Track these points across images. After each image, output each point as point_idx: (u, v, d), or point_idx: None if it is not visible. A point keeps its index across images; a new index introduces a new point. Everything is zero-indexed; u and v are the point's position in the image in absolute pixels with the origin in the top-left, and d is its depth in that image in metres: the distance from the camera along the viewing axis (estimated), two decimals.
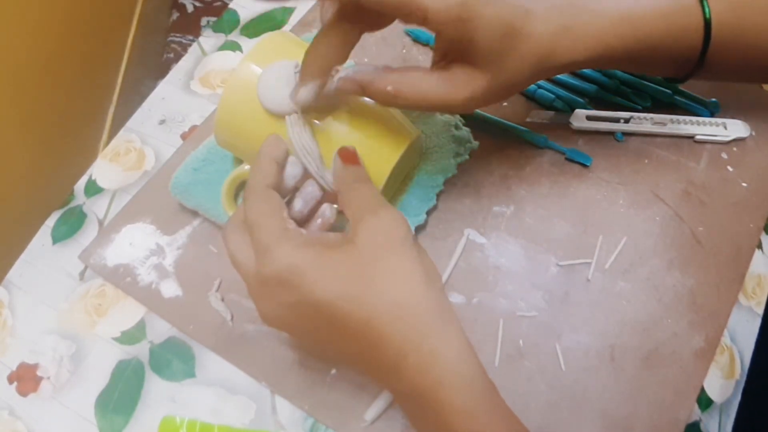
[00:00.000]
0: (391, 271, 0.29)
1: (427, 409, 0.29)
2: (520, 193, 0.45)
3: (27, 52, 0.90)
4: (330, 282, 0.29)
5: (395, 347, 0.29)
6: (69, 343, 0.42)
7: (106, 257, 0.44)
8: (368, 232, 0.30)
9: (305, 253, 0.29)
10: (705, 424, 0.39)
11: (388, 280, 0.29)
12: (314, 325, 0.30)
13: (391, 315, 0.28)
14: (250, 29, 0.55)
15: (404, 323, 0.29)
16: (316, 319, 0.30)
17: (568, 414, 0.38)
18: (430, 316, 0.29)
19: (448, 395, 0.28)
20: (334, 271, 0.29)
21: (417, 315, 0.29)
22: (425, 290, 0.29)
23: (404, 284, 0.29)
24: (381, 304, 0.29)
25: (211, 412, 0.39)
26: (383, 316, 0.28)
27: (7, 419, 0.40)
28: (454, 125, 0.45)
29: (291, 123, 0.35)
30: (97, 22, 1.09)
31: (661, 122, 0.47)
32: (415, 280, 0.29)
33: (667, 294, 0.41)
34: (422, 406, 0.29)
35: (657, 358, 0.39)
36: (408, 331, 0.28)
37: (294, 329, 0.32)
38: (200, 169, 0.44)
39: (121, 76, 1.18)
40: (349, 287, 0.29)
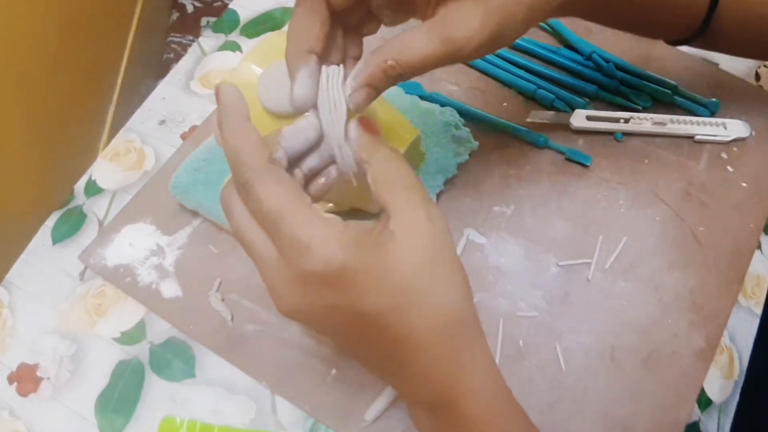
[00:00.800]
0: (439, 285, 0.28)
1: (454, 420, 0.29)
2: (520, 193, 0.45)
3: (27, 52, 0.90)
4: (380, 292, 0.27)
5: (430, 358, 0.28)
6: (69, 343, 0.42)
7: (106, 257, 0.44)
8: (414, 233, 0.28)
9: (356, 254, 0.26)
10: (704, 424, 0.39)
11: (435, 294, 0.28)
12: (351, 329, 0.29)
13: (432, 329, 0.28)
14: (250, 29, 0.55)
15: (444, 336, 0.28)
16: (356, 325, 0.28)
17: (568, 414, 0.38)
18: (467, 330, 0.29)
19: (475, 407, 0.28)
20: (384, 280, 0.27)
21: (456, 329, 0.28)
22: (466, 304, 0.29)
23: (449, 298, 0.28)
24: (426, 319, 0.28)
25: (211, 413, 0.39)
26: (425, 331, 0.28)
27: (7, 419, 0.40)
28: (454, 125, 0.45)
29: (328, 74, 0.31)
30: (97, 22, 1.09)
31: (661, 122, 0.47)
32: (458, 295, 0.28)
33: (667, 294, 0.41)
34: (449, 416, 0.29)
35: (657, 358, 0.39)
36: (446, 343, 0.28)
37: (322, 327, 0.30)
38: (200, 169, 0.44)
39: (121, 76, 1.17)
40: (397, 299, 0.27)
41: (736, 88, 0.49)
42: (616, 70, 0.49)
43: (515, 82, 0.49)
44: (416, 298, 0.27)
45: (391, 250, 0.27)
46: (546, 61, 0.51)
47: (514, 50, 0.51)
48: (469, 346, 0.29)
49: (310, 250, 0.26)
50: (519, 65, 0.50)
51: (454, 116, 0.46)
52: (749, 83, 0.50)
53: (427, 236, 0.28)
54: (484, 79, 0.50)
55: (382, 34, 0.36)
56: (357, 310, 0.27)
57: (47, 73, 0.95)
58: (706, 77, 0.50)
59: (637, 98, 0.48)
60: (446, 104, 0.47)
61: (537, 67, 0.50)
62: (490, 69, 0.50)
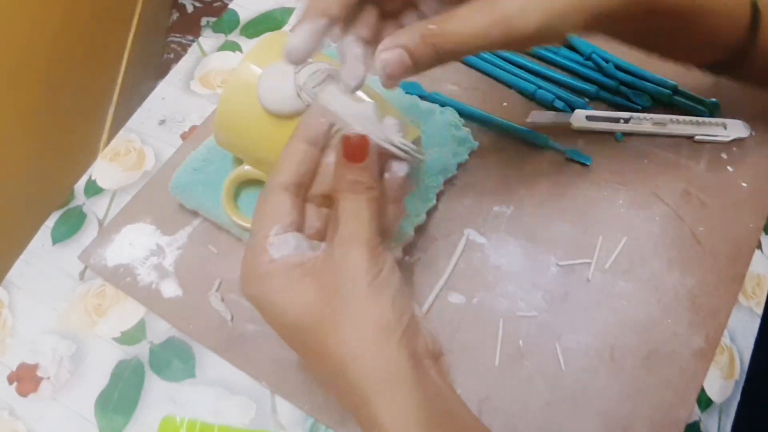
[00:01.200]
0: (357, 319, 0.28)
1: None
2: (520, 193, 0.45)
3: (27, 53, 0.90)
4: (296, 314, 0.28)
5: (355, 396, 0.28)
6: (69, 343, 0.42)
7: (106, 257, 0.44)
8: (344, 267, 0.28)
9: (270, 283, 0.29)
10: (704, 424, 0.39)
11: (351, 329, 0.28)
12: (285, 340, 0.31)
13: (350, 369, 0.27)
14: (250, 29, 0.55)
15: (358, 377, 0.27)
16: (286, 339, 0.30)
17: (568, 414, 0.38)
18: (378, 377, 0.27)
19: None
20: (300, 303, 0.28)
21: (366, 374, 0.27)
22: (381, 345, 0.27)
23: (364, 336, 0.28)
24: (344, 354, 0.28)
25: (211, 412, 0.39)
26: (347, 366, 0.28)
27: (7, 419, 0.40)
28: (454, 125, 0.45)
29: (331, 94, 0.30)
30: (97, 22, 1.09)
31: (661, 122, 0.47)
32: (374, 333, 0.28)
33: (667, 294, 0.41)
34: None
35: (657, 358, 0.39)
36: (358, 387, 0.27)
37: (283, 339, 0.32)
38: (200, 169, 0.44)
39: (121, 76, 1.18)
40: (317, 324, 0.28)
41: (736, 88, 0.49)
42: (616, 70, 0.49)
43: (515, 82, 0.49)
44: (336, 332, 0.28)
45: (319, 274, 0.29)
46: (546, 61, 0.51)
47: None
48: (381, 396, 0.27)
49: (243, 273, 0.30)
50: (519, 65, 0.50)
51: (454, 116, 0.46)
52: None
53: (355, 269, 0.28)
54: (484, 79, 0.50)
55: None
56: (276, 325, 0.30)
57: (47, 73, 0.95)
58: (706, 77, 0.50)
59: (637, 98, 0.48)
60: (446, 104, 0.47)
61: (537, 67, 0.50)
62: (490, 69, 0.50)
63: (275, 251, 0.29)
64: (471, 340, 0.40)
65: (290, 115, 0.36)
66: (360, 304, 0.28)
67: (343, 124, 0.30)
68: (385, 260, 0.29)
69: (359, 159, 0.29)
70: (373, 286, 0.28)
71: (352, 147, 0.29)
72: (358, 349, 0.27)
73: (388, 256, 0.30)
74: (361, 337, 0.27)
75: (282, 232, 0.30)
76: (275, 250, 0.29)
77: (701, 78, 0.50)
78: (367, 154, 0.29)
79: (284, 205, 0.30)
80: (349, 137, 0.29)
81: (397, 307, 0.28)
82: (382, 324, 0.28)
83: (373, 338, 0.27)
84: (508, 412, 0.38)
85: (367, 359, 0.27)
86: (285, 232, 0.30)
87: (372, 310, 0.28)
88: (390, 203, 0.31)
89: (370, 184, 0.29)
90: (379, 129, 0.30)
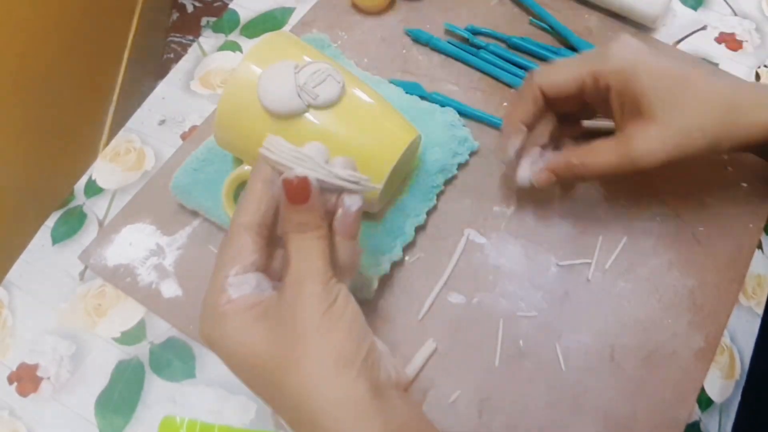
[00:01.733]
0: (313, 351, 0.27)
1: None
2: (521, 193, 0.45)
3: (27, 53, 0.90)
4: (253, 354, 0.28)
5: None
6: (69, 343, 0.42)
7: (106, 257, 0.44)
8: (297, 303, 0.28)
9: (228, 324, 0.29)
10: (705, 424, 0.39)
11: (309, 362, 0.27)
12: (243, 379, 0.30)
13: (310, 402, 0.27)
14: (250, 29, 0.55)
15: (318, 411, 0.27)
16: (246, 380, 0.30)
17: (568, 414, 0.38)
18: (339, 409, 0.27)
19: None
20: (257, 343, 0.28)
21: (326, 406, 0.27)
22: (340, 376, 0.27)
23: (322, 368, 0.27)
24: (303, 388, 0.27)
25: (212, 412, 0.39)
26: (307, 400, 0.27)
27: (7, 419, 0.40)
28: (454, 125, 0.45)
29: (268, 145, 0.30)
30: (97, 22, 1.09)
31: None
32: (331, 364, 0.27)
33: (667, 294, 0.41)
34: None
35: (657, 358, 0.39)
36: (319, 422, 0.27)
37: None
38: (200, 169, 0.44)
39: (121, 76, 1.18)
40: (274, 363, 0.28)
41: None
42: None
43: (515, 82, 0.49)
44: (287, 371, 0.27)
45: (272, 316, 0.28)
46: (546, 61, 0.51)
47: (515, 50, 0.51)
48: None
49: (201, 318, 0.30)
50: (519, 65, 0.50)
51: (454, 116, 0.46)
52: None
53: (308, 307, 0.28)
54: (484, 79, 0.50)
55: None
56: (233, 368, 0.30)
57: (47, 73, 0.95)
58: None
59: None
60: (446, 104, 0.47)
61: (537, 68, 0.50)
62: (490, 69, 0.50)
63: (234, 291, 0.29)
64: (471, 340, 0.40)
65: (290, 115, 0.36)
66: (315, 336, 0.27)
67: (286, 168, 0.30)
68: (339, 291, 0.29)
69: (302, 200, 0.29)
70: (326, 317, 0.28)
71: (293, 189, 0.29)
72: (316, 382, 0.27)
73: (341, 288, 0.29)
74: (319, 369, 0.27)
75: (242, 273, 0.29)
76: (234, 290, 0.29)
77: None
78: (309, 194, 0.29)
79: (245, 245, 0.30)
80: (290, 180, 0.29)
81: (354, 337, 0.28)
82: (339, 354, 0.27)
83: (331, 369, 0.27)
84: (508, 412, 0.38)
85: (326, 391, 0.27)
86: (246, 272, 0.29)
87: (328, 340, 0.27)
88: (345, 239, 0.31)
89: (317, 224, 0.29)
90: (324, 167, 0.30)
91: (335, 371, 0.27)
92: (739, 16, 0.54)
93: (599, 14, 0.53)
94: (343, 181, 0.30)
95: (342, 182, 0.30)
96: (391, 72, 0.50)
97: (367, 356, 0.28)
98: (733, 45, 0.52)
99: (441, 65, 0.51)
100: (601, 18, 0.53)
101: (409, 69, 0.51)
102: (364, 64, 0.51)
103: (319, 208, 0.29)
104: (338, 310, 0.28)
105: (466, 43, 0.52)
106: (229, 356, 0.29)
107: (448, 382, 0.39)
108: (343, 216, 0.30)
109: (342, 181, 0.30)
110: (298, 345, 0.27)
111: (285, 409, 0.28)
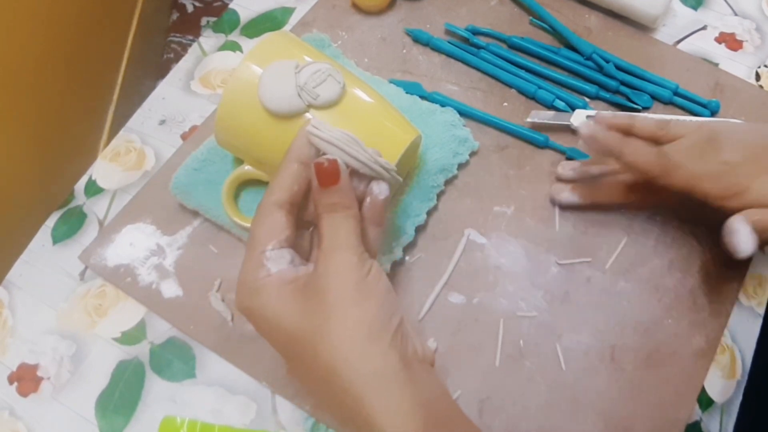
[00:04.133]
0: (346, 322, 0.28)
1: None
2: (521, 193, 0.45)
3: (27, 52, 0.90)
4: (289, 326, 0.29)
5: (348, 399, 0.28)
6: (69, 343, 0.42)
7: (107, 257, 0.43)
8: (330, 273, 0.29)
9: (266, 296, 0.29)
10: (706, 424, 0.39)
11: (341, 332, 0.28)
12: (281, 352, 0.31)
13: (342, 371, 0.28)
14: (250, 29, 0.55)
15: (350, 379, 0.28)
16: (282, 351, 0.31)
17: (568, 414, 0.38)
18: (370, 376, 0.27)
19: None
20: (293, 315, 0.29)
21: (358, 374, 0.27)
22: (371, 346, 0.28)
23: (354, 338, 0.28)
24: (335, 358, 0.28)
25: (212, 412, 0.39)
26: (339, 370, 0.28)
27: (7, 419, 0.40)
28: (454, 125, 0.45)
29: (316, 125, 0.32)
30: (97, 22, 1.09)
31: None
32: (364, 335, 0.28)
33: (667, 294, 0.41)
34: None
35: (657, 358, 0.39)
36: (350, 389, 0.27)
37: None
38: (200, 169, 0.44)
39: (121, 76, 1.17)
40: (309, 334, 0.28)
41: (736, 88, 0.49)
42: (617, 70, 0.49)
43: (515, 82, 0.49)
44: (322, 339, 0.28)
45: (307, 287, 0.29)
46: (546, 61, 0.51)
47: (515, 50, 0.51)
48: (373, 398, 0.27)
49: (238, 285, 0.31)
50: (519, 65, 0.50)
51: (454, 116, 0.46)
52: (749, 83, 0.50)
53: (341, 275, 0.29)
54: (484, 79, 0.50)
55: None
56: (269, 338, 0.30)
57: (47, 73, 0.95)
58: (706, 77, 0.50)
59: (637, 98, 0.48)
60: (446, 104, 0.47)
61: (537, 67, 0.50)
62: (490, 69, 0.50)
63: (272, 265, 0.30)
64: (471, 340, 0.40)
65: (290, 115, 0.36)
66: (348, 307, 0.28)
67: (333, 149, 0.31)
68: (371, 264, 0.30)
69: (332, 182, 0.30)
70: (359, 289, 0.29)
71: (324, 172, 0.30)
72: (348, 351, 0.28)
73: (374, 262, 0.31)
74: (351, 339, 0.28)
75: (278, 248, 0.30)
76: (272, 264, 0.30)
77: (701, 78, 0.50)
78: (339, 177, 0.30)
79: (279, 221, 0.31)
80: (321, 163, 0.30)
81: (386, 309, 0.29)
82: (371, 325, 0.28)
83: (362, 339, 0.28)
84: (509, 412, 0.38)
85: (358, 360, 0.28)
86: (281, 247, 0.31)
87: (360, 311, 0.28)
88: (373, 225, 0.32)
89: (348, 204, 0.31)
90: (368, 151, 0.32)
91: (368, 341, 0.28)
92: (739, 16, 0.54)
93: (599, 14, 0.53)
94: (380, 167, 0.32)
95: (379, 168, 0.32)
96: (391, 72, 0.50)
97: (397, 330, 0.29)
98: (733, 45, 0.52)
99: (441, 65, 0.51)
100: (601, 18, 0.53)
101: (409, 69, 0.51)
102: (364, 64, 0.51)
103: (349, 189, 0.31)
104: (371, 282, 0.29)
105: (466, 43, 0.52)
106: (265, 327, 0.30)
107: (448, 382, 0.39)
108: (372, 203, 0.32)
109: (379, 167, 0.32)
110: (331, 315, 0.28)
111: (316, 381, 0.29)
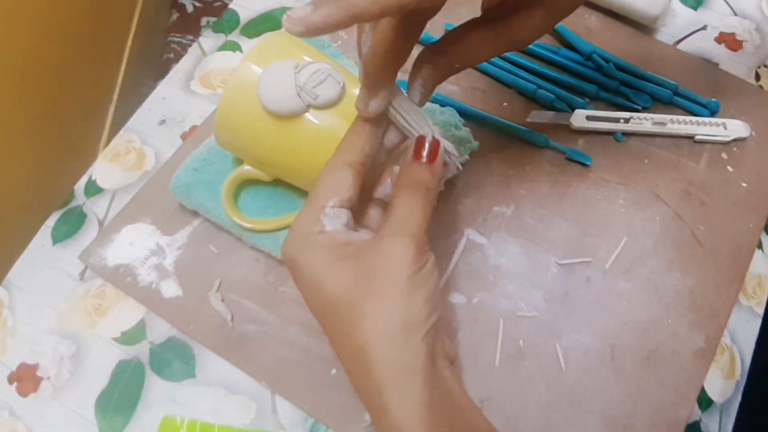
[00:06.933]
0: (388, 308, 0.28)
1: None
2: (521, 193, 0.45)
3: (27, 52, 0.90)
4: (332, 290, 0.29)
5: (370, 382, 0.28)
6: (69, 343, 0.42)
7: (106, 257, 0.44)
8: (389, 257, 0.29)
9: (315, 253, 0.29)
10: (705, 424, 0.39)
11: (381, 316, 0.28)
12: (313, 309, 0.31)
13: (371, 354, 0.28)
14: (250, 29, 0.55)
15: (377, 364, 0.28)
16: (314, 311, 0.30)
17: (568, 414, 0.38)
18: (397, 367, 0.28)
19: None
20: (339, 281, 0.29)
21: (385, 362, 0.28)
22: (406, 338, 0.28)
23: (391, 326, 0.28)
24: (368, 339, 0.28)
25: (212, 412, 0.39)
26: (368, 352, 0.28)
27: (7, 419, 0.40)
28: (454, 125, 0.45)
29: (399, 101, 0.31)
30: (97, 21, 1.09)
31: (661, 122, 0.47)
32: (401, 326, 0.28)
33: (667, 294, 0.41)
34: None
35: (657, 358, 0.39)
36: (375, 374, 0.28)
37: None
38: (200, 169, 0.44)
39: (121, 76, 1.17)
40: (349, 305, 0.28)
41: (736, 88, 0.49)
42: (616, 70, 0.49)
43: (515, 82, 0.49)
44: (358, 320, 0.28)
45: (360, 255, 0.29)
46: (546, 61, 0.51)
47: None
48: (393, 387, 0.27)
49: (290, 232, 0.30)
50: (519, 65, 0.50)
51: (454, 116, 0.46)
52: (749, 83, 0.50)
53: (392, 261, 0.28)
54: (484, 79, 0.50)
55: None
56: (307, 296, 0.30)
57: (47, 73, 0.95)
58: (706, 77, 0.50)
59: (637, 98, 0.48)
60: (446, 104, 0.47)
61: (537, 67, 0.50)
62: (490, 69, 0.50)
63: (329, 223, 0.29)
64: (471, 340, 0.40)
65: (290, 115, 0.36)
66: (395, 295, 0.28)
67: (409, 127, 0.31)
68: (429, 258, 0.30)
69: (431, 159, 0.30)
70: (412, 280, 0.28)
71: (425, 145, 0.30)
72: (382, 337, 0.28)
73: (432, 256, 0.30)
74: (388, 327, 0.28)
75: (338, 206, 0.30)
76: (329, 222, 0.29)
77: (701, 78, 0.50)
78: (437, 156, 0.30)
79: (345, 181, 0.30)
80: (424, 137, 0.30)
81: (430, 305, 0.29)
82: (411, 318, 0.28)
83: (399, 328, 0.28)
84: (508, 412, 0.38)
85: (388, 346, 0.28)
86: (341, 206, 0.30)
87: (405, 303, 0.28)
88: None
89: (431, 186, 0.30)
90: (444, 136, 0.31)
91: (403, 332, 0.28)
92: (739, 16, 0.54)
93: (599, 14, 0.53)
94: (449, 155, 0.32)
95: (448, 156, 0.32)
96: None
97: (433, 326, 0.29)
98: (733, 45, 0.52)
99: None
100: (601, 18, 0.53)
101: (409, 69, 0.51)
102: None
103: (440, 171, 0.31)
104: (424, 276, 0.29)
105: None
106: (307, 284, 0.29)
107: None
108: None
109: (448, 155, 0.32)
110: (377, 296, 0.28)
111: (343, 352, 0.29)
